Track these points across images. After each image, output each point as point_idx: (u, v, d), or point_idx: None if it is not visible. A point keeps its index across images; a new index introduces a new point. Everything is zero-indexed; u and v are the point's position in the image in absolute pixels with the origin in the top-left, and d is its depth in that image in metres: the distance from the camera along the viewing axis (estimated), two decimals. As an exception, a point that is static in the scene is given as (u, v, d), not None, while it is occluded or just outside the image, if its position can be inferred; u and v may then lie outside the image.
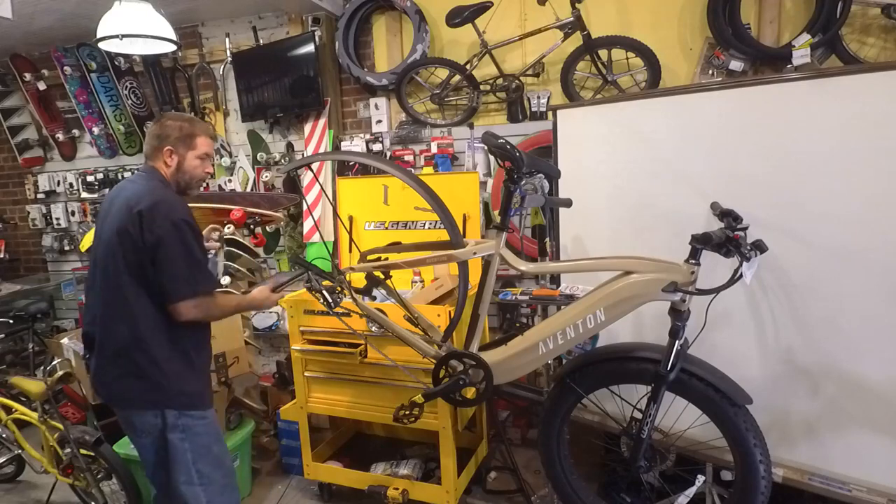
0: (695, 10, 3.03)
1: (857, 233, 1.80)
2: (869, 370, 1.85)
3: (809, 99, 1.85)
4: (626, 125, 2.31)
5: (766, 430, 1.85)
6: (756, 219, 1.89)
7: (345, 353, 2.63)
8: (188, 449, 1.91)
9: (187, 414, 1.91)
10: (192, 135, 1.95)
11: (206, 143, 1.99)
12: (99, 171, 4.41)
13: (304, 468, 2.91)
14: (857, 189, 1.79)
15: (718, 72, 3.00)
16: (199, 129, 1.98)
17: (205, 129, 2.01)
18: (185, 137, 1.94)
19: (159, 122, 1.98)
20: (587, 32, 3.05)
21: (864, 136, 1.76)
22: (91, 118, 4.27)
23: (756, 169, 1.97)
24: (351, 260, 3.20)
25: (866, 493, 1.86)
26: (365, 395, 2.70)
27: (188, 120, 1.98)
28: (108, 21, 2.66)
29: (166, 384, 1.87)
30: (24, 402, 2.97)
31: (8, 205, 4.95)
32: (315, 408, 2.83)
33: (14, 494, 3.23)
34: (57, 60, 4.12)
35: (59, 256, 4.75)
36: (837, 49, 2.73)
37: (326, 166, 3.71)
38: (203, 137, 1.98)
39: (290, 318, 2.75)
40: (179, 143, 1.94)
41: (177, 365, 1.90)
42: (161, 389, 1.88)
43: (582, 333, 1.87)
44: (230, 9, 3.78)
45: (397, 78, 3.48)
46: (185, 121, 1.97)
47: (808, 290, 1.91)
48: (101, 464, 2.70)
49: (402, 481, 2.71)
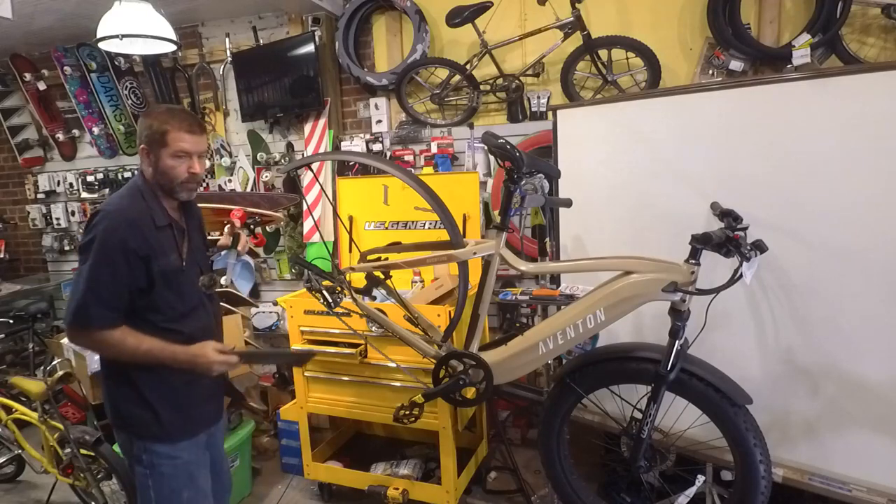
0: (695, 10, 3.03)
1: (857, 233, 1.80)
2: (869, 370, 1.85)
3: (809, 99, 1.85)
4: (626, 125, 2.31)
5: (766, 430, 1.85)
6: (756, 219, 1.89)
7: (345, 353, 2.63)
8: (151, 487, 1.72)
9: (151, 449, 1.71)
10: (163, 132, 1.64)
11: (183, 140, 1.66)
12: (99, 171, 4.41)
13: (304, 468, 2.91)
14: (857, 189, 1.79)
15: (718, 72, 3.00)
16: (174, 124, 1.65)
17: (182, 123, 1.67)
18: (155, 135, 1.65)
19: (140, 117, 1.77)
20: (587, 32, 3.05)
21: (864, 136, 1.76)
22: (91, 118, 4.27)
23: (756, 169, 1.97)
24: (351, 260, 3.20)
25: (866, 493, 1.86)
26: (365, 395, 2.70)
27: (164, 113, 1.69)
28: (108, 21, 2.66)
29: (121, 405, 1.73)
30: (24, 402, 2.97)
31: (8, 205, 4.96)
32: (315, 408, 2.83)
33: (14, 494, 3.23)
34: (57, 60, 4.12)
35: (59, 256, 4.75)
36: (837, 49, 2.73)
37: (326, 166, 3.71)
38: (177, 133, 1.65)
39: (290, 318, 2.75)
40: (152, 141, 1.66)
41: (134, 385, 1.70)
42: (115, 408, 1.75)
43: (582, 333, 1.87)
44: (230, 9, 3.78)
45: (397, 78, 3.48)
46: (158, 116, 1.67)
47: (808, 290, 1.91)
48: (101, 464, 2.70)
49: (402, 481, 2.71)
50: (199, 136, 1.71)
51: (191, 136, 1.68)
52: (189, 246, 1.76)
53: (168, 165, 1.67)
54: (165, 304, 1.69)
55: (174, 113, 1.70)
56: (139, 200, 1.68)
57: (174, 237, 1.74)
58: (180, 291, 1.73)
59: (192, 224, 1.83)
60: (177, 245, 1.73)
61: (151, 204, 1.70)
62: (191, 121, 1.70)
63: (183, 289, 1.73)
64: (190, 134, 1.68)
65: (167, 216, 1.73)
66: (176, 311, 1.72)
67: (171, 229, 1.73)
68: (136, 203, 1.67)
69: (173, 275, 1.70)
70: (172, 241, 1.73)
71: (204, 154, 1.75)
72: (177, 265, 1.71)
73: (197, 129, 1.70)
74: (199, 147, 1.71)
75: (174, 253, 1.71)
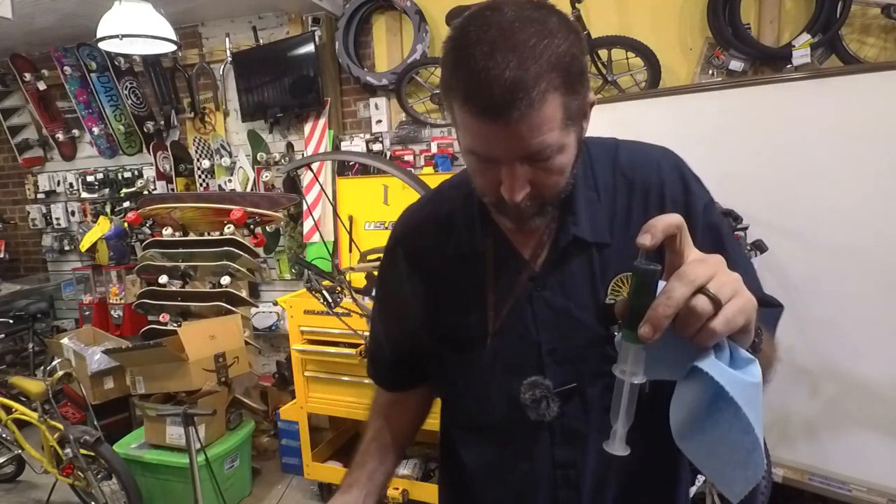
0: (695, 10, 3.03)
1: (857, 233, 1.80)
2: (869, 370, 1.85)
3: (809, 99, 1.85)
4: (626, 125, 2.30)
5: (766, 430, 1.85)
6: (756, 219, 1.89)
7: (345, 353, 2.63)
8: None
9: None
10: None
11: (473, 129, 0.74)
12: (99, 172, 4.41)
13: (303, 468, 2.91)
14: (857, 189, 1.79)
15: (718, 72, 2.99)
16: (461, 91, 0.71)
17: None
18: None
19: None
20: (587, 32, 3.05)
21: (863, 136, 1.76)
22: (91, 118, 4.26)
23: (756, 169, 1.97)
24: (351, 260, 3.20)
25: (866, 493, 1.86)
26: (365, 395, 2.69)
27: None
28: (108, 21, 2.66)
29: None
30: (24, 402, 2.97)
31: (8, 205, 4.95)
32: (315, 408, 2.83)
33: (14, 494, 3.23)
34: (57, 60, 4.12)
35: (59, 256, 4.75)
36: (837, 49, 2.72)
37: (326, 166, 3.70)
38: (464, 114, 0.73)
39: (290, 318, 2.75)
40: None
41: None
42: None
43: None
44: (230, 9, 3.77)
45: (397, 78, 3.48)
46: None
47: (808, 290, 1.91)
48: (101, 464, 2.70)
49: (402, 481, 2.71)
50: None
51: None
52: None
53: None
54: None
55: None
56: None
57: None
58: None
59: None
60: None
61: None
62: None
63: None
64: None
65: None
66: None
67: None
68: None
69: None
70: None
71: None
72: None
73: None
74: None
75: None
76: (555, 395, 0.79)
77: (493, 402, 0.84)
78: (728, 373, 0.57)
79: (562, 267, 0.81)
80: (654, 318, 0.56)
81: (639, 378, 0.60)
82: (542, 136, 0.65)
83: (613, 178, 0.83)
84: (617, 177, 0.83)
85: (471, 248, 0.85)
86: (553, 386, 0.79)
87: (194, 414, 2.34)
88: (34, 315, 3.73)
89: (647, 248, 0.56)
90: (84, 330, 3.80)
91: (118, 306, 4.15)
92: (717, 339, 0.57)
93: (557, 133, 0.66)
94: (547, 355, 0.81)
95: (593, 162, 0.83)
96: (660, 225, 0.57)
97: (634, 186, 0.82)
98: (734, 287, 0.57)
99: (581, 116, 0.71)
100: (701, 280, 0.56)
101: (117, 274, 4.21)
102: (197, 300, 3.19)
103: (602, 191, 0.82)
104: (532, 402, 0.79)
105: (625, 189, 0.82)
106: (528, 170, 0.69)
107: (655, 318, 0.56)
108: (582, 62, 0.68)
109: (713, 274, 0.57)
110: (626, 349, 0.60)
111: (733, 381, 0.57)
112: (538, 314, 0.81)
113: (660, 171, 0.82)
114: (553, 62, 0.63)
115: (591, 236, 0.80)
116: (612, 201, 0.81)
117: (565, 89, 0.65)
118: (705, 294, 0.55)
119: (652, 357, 0.60)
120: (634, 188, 0.82)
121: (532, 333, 0.81)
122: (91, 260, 4.45)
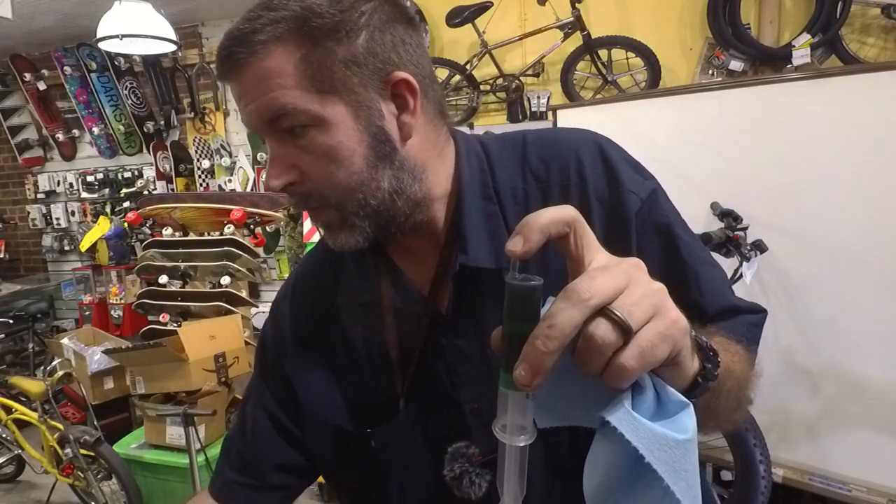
0: (695, 10, 3.03)
1: (856, 233, 1.80)
2: (869, 370, 1.85)
3: (809, 99, 1.85)
4: (626, 125, 2.30)
5: (766, 430, 1.85)
6: (756, 219, 1.90)
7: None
8: None
9: None
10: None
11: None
12: (99, 171, 4.41)
13: (304, 468, 2.91)
14: (856, 189, 1.79)
15: (718, 72, 2.99)
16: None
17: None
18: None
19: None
20: (587, 32, 3.05)
21: (863, 136, 1.76)
22: (91, 118, 4.27)
23: (756, 169, 1.97)
24: (351, 260, 3.19)
25: (866, 493, 1.86)
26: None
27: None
28: (108, 21, 2.66)
29: None
30: (24, 402, 2.97)
31: (8, 205, 4.95)
32: (315, 408, 2.82)
33: (14, 494, 3.23)
34: (57, 60, 4.12)
35: (59, 256, 4.75)
36: (837, 49, 2.72)
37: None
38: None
39: (290, 318, 2.75)
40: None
41: None
42: None
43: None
44: (230, 9, 3.77)
45: (397, 78, 3.48)
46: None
47: (808, 290, 1.91)
48: (101, 464, 2.70)
49: None
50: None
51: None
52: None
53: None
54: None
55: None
56: None
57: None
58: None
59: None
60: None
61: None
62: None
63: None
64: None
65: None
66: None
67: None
68: None
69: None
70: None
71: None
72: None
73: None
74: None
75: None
76: (480, 466, 0.64)
77: (418, 484, 0.69)
78: (644, 428, 0.39)
79: (471, 305, 0.65)
80: (530, 356, 0.37)
81: (525, 437, 0.41)
82: (273, 93, 0.56)
83: (524, 181, 0.68)
84: (528, 180, 0.67)
85: (364, 293, 0.70)
86: (480, 453, 0.64)
87: (194, 414, 2.34)
88: (34, 315, 3.73)
89: (518, 256, 0.39)
90: (84, 330, 3.80)
91: (118, 306, 4.15)
92: (629, 378, 0.38)
93: (294, 92, 0.56)
94: (471, 416, 0.66)
95: (494, 166, 0.69)
96: (535, 224, 0.39)
97: (550, 189, 0.67)
98: (653, 304, 0.39)
99: (361, 87, 0.58)
100: (600, 297, 0.37)
101: (117, 274, 4.21)
102: (197, 300, 3.18)
103: (508, 201, 0.67)
104: (452, 480, 0.64)
105: (538, 194, 0.67)
106: (290, 151, 0.59)
107: (532, 356, 0.37)
108: (339, 19, 0.57)
109: (621, 287, 0.38)
110: (503, 397, 0.41)
111: (651, 441, 0.39)
112: (452, 368, 0.66)
113: (579, 164, 0.66)
114: (286, 15, 0.56)
115: (491, 262, 0.64)
116: (524, 211, 0.60)
117: (301, 42, 0.56)
118: (607, 317, 0.37)
119: (556, 395, 0.43)
120: (550, 191, 0.66)
121: (449, 392, 0.67)
122: (91, 260, 4.45)
